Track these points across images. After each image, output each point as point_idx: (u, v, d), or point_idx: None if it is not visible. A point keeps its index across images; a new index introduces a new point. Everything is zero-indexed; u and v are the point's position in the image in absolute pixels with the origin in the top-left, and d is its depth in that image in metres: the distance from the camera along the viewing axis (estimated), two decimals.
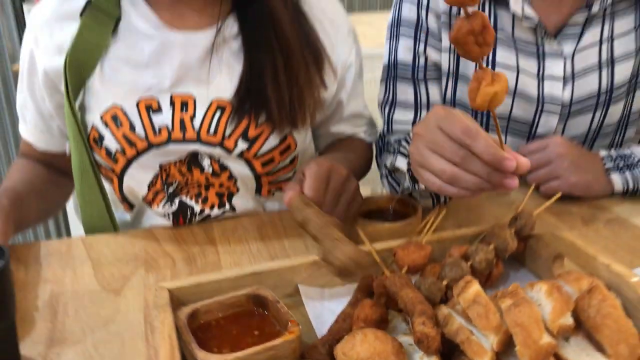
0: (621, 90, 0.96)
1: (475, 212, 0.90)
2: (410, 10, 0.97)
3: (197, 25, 0.88)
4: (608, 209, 0.91)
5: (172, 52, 0.87)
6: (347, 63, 0.96)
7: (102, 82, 0.86)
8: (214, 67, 0.87)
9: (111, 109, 0.86)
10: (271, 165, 0.91)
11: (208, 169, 0.89)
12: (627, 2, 0.93)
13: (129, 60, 0.86)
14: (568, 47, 0.93)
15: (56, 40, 0.87)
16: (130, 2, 0.88)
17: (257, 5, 0.86)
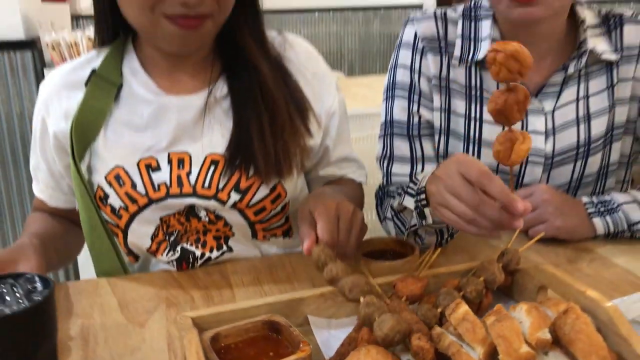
0: (598, 142, 1.05)
1: (468, 252, 0.98)
2: (404, 75, 1.08)
3: (191, 89, 0.96)
4: (591, 249, 0.98)
5: (169, 114, 0.94)
6: (331, 111, 1.03)
7: (106, 145, 0.94)
8: (207, 126, 0.95)
9: (114, 170, 0.94)
10: (263, 214, 0.98)
11: (205, 219, 0.96)
12: (599, 65, 1.04)
13: (130, 123, 0.94)
14: (548, 105, 1.03)
15: (64, 107, 0.95)
16: (130, 71, 0.96)
17: (243, 67, 0.95)
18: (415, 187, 0.89)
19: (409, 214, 0.93)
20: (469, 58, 1.03)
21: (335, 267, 0.73)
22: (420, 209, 0.86)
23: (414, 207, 0.88)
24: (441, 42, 1.05)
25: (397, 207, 0.95)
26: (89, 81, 0.95)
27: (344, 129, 1.07)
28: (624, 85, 1.05)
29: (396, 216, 0.98)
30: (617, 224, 0.98)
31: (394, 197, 0.99)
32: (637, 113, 1.06)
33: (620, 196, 1.00)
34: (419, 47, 1.06)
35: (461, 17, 1.06)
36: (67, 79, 0.97)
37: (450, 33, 1.06)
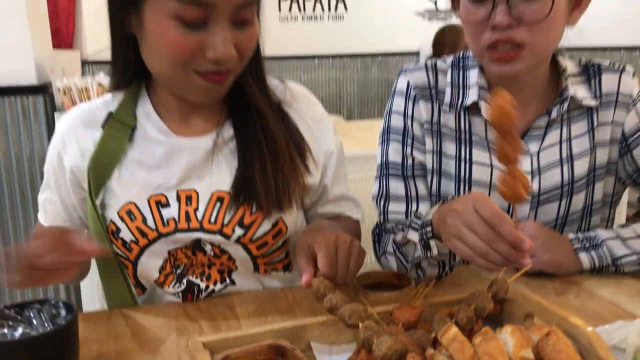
0: (581, 182, 1.12)
1: (460, 284, 1.03)
2: (398, 120, 1.15)
3: (201, 131, 1.04)
4: (578, 283, 1.04)
5: (180, 155, 1.01)
6: (329, 152, 1.11)
7: (120, 183, 1.01)
8: (214, 165, 1.02)
9: (126, 205, 1.00)
10: (265, 248, 1.04)
11: (210, 252, 1.02)
12: (580, 110, 1.12)
13: (142, 163, 1.01)
14: (533, 147, 1.11)
15: (81, 145, 1.02)
16: (144, 114, 1.03)
17: (248, 111, 1.03)
18: (419, 222, 0.96)
19: (411, 248, 0.99)
20: (458, 104, 1.11)
21: (334, 296, 0.79)
22: (425, 241, 0.93)
23: (419, 239, 0.94)
24: (432, 90, 1.14)
25: (401, 240, 1.01)
26: (106, 123, 1.02)
27: (342, 169, 1.15)
28: (603, 129, 1.12)
29: (398, 250, 1.03)
30: (601, 258, 1.04)
31: (396, 232, 1.05)
32: (617, 155, 1.14)
33: (605, 232, 1.06)
34: (411, 95, 1.14)
35: (450, 67, 1.15)
36: (85, 118, 1.04)
37: (440, 82, 1.14)
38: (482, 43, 1.01)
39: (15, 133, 2.48)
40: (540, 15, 0.96)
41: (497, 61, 1.01)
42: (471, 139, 1.12)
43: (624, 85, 1.12)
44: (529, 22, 0.97)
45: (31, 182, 2.52)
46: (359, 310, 0.75)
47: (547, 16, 0.96)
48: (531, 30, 0.97)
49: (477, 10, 1.00)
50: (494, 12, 0.97)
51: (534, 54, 1.00)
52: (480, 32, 1.01)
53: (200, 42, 0.88)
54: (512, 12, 0.96)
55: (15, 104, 2.46)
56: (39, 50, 2.56)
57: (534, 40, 0.98)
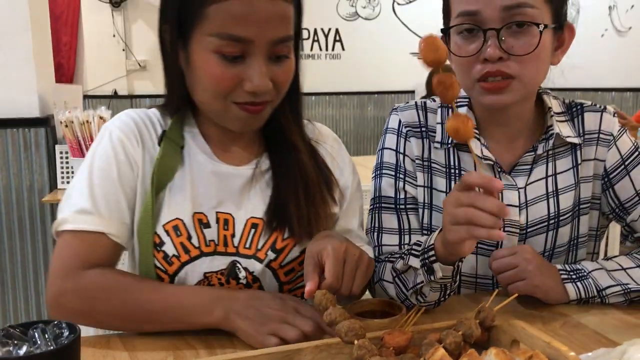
0: (567, 215, 1.17)
1: (449, 312, 1.07)
2: (390, 156, 1.20)
3: (240, 161, 1.10)
4: (564, 313, 1.07)
5: (220, 179, 1.07)
6: (345, 187, 1.17)
7: (169, 198, 1.05)
8: (251, 194, 1.08)
9: (174, 221, 1.03)
10: (292, 274, 1.09)
11: (243, 280, 1.06)
12: (565, 147, 1.17)
13: (189, 181, 1.06)
14: (520, 181, 1.15)
15: (143, 152, 1.05)
16: (191, 135, 1.09)
17: (283, 145, 1.11)
18: (419, 248, 1.00)
19: (411, 275, 1.02)
20: (448, 141, 1.17)
21: (334, 311, 0.82)
22: (428, 265, 0.97)
23: (421, 265, 0.98)
24: (422, 128, 1.20)
25: (401, 267, 1.04)
26: (161, 140, 1.06)
27: (355, 205, 1.20)
28: (587, 164, 1.18)
29: (398, 277, 1.06)
30: (587, 289, 1.07)
31: (393, 261, 1.08)
32: (600, 190, 1.18)
33: (590, 264, 1.10)
34: (403, 132, 1.20)
35: (439, 107, 1.21)
36: (147, 128, 1.07)
37: (429, 120, 1.20)
38: (472, 75, 1.06)
39: (16, 164, 2.52)
40: (528, 48, 1.03)
41: (488, 91, 1.06)
42: (460, 174, 1.17)
43: (605, 124, 1.18)
44: (518, 54, 1.03)
45: (30, 212, 2.55)
46: (355, 328, 0.78)
47: (535, 49, 1.03)
48: (520, 62, 1.04)
49: (468, 44, 1.06)
50: (485, 46, 1.03)
51: (523, 86, 1.06)
52: (471, 65, 1.06)
53: (239, 75, 0.96)
54: (502, 46, 1.03)
55: (17, 135, 2.51)
56: (43, 83, 2.62)
57: (523, 72, 1.04)
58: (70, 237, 1.00)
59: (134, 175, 1.04)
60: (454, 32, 1.08)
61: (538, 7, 1.03)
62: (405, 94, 5.77)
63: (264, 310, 0.94)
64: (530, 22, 1.03)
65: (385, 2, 5.83)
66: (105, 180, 1.02)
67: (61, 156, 2.54)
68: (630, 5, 5.41)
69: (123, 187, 1.03)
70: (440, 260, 0.96)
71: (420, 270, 0.99)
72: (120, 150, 1.04)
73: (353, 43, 5.71)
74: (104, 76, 5.27)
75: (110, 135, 1.05)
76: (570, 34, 1.13)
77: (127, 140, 1.05)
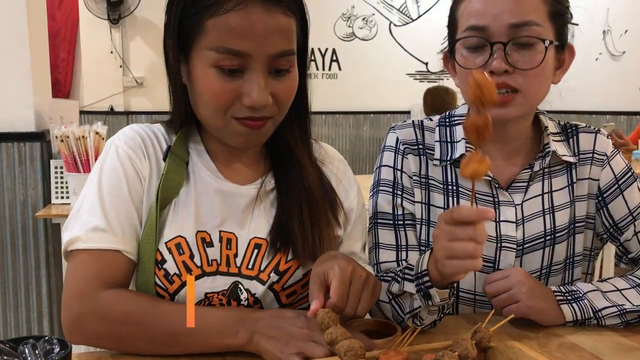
0: (563, 233, 1.17)
1: (445, 333, 1.06)
2: (388, 173, 1.21)
3: (245, 179, 1.08)
4: (561, 335, 1.06)
5: (224, 197, 1.05)
6: (349, 209, 1.15)
7: (173, 216, 1.02)
8: (254, 214, 1.06)
9: (176, 239, 1.01)
10: (294, 297, 1.06)
11: (244, 302, 1.02)
12: (561, 166, 1.19)
13: (193, 198, 1.03)
14: (517, 198, 1.16)
15: (149, 167, 1.03)
16: (196, 152, 1.07)
17: (290, 164, 1.09)
18: (412, 273, 0.99)
19: (407, 299, 1.02)
20: (447, 159, 1.17)
21: (336, 330, 0.81)
22: (424, 291, 0.96)
23: (416, 290, 0.98)
24: (419, 146, 1.21)
25: (396, 292, 1.04)
26: (167, 156, 1.04)
27: (359, 228, 1.18)
28: (582, 183, 1.19)
29: (394, 300, 1.06)
30: (583, 311, 1.07)
31: (390, 282, 1.08)
32: (594, 209, 1.19)
33: (585, 286, 1.10)
34: (400, 149, 1.21)
35: (437, 125, 1.22)
36: (152, 144, 1.05)
37: (427, 138, 1.21)
38: None
39: (9, 178, 2.51)
40: (533, 63, 1.06)
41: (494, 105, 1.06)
42: (458, 191, 1.17)
43: (599, 144, 1.20)
44: (523, 69, 1.05)
45: (23, 227, 2.53)
46: (355, 348, 0.78)
47: (540, 64, 1.05)
48: (524, 76, 1.06)
49: (474, 57, 1.09)
50: (492, 59, 1.06)
51: (526, 100, 1.08)
52: None
53: (238, 89, 0.95)
54: (508, 60, 1.05)
55: (12, 149, 2.50)
56: (39, 98, 2.62)
57: (527, 86, 1.07)
58: (85, 256, 0.96)
59: (142, 189, 1.03)
60: (460, 45, 1.11)
61: (543, 25, 1.07)
62: (401, 114, 5.80)
63: (289, 329, 0.90)
64: (537, 38, 1.05)
65: (382, 23, 5.88)
66: (116, 197, 0.99)
67: (56, 171, 2.53)
68: (624, 30, 5.48)
69: (134, 203, 1.01)
70: (435, 285, 0.95)
71: (416, 296, 0.98)
72: (128, 165, 1.02)
73: (350, 63, 5.75)
74: (100, 92, 5.28)
75: (117, 150, 1.03)
76: (570, 55, 1.15)
77: (134, 154, 1.03)
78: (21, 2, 2.51)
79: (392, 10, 5.87)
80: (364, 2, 5.80)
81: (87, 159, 2.38)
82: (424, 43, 5.49)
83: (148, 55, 5.36)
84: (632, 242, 1.17)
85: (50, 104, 2.73)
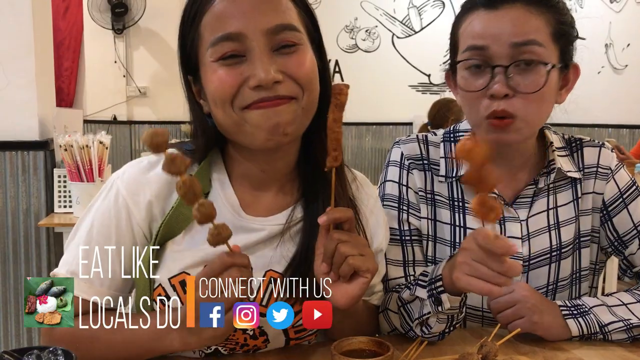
0: (568, 248, 1.17)
1: (451, 347, 1.05)
2: (393, 188, 1.19)
3: (270, 211, 1.01)
4: (567, 349, 1.05)
5: (244, 232, 0.97)
6: (378, 249, 1.08)
7: (180, 249, 0.96)
8: (276, 245, 0.99)
9: (180, 275, 0.95)
10: (302, 332, 1.02)
11: (249, 332, 0.97)
12: (565, 181, 1.18)
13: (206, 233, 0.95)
14: (522, 214, 1.16)
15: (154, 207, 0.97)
16: (219, 182, 1.00)
17: (322, 194, 0.99)
18: (426, 279, 0.99)
19: (417, 306, 1.01)
20: (452, 175, 1.17)
21: None
22: (436, 296, 0.96)
23: (428, 295, 0.97)
24: (424, 161, 1.20)
25: (407, 297, 1.03)
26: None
27: (382, 269, 1.11)
28: (586, 198, 1.18)
29: (403, 307, 1.05)
30: (589, 325, 1.06)
31: (402, 290, 1.07)
32: (599, 223, 1.19)
33: (591, 300, 1.09)
34: (405, 165, 1.19)
35: (442, 140, 1.21)
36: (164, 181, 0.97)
37: (431, 153, 1.20)
38: (480, 112, 1.07)
39: (13, 187, 2.51)
40: (535, 87, 1.04)
41: (496, 128, 1.06)
42: (464, 207, 1.16)
43: (603, 158, 1.19)
44: (524, 92, 1.03)
45: (25, 236, 2.52)
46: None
47: (541, 88, 1.03)
48: (524, 100, 1.04)
49: (475, 80, 1.07)
50: (492, 82, 1.04)
51: (527, 125, 1.07)
52: (479, 100, 1.07)
53: (242, 75, 0.89)
54: (509, 83, 1.03)
55: (15, 158, 2.51)
56: (43, 107, 2.63)
57: (527, 111, 1.05)
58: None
59: (135, 240, 0.97)
60: (461, 67, 1.09)
61: (546, 45, 1.04)
62: (404, 125, 5.80)
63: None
64: (538, 61, 1.04)
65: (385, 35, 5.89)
66: (102, 249, 0.93)
67: (59, 180, 2.53)
68: (627, 43, 5.49)
69: (120, 256, 0.96)
70: (447, 291, 0.95)
71: (427, 301, 0.98)
72: (123, 216, 0.97)
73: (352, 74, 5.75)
74: (103, 101, 5.29)
75: (117, 195, 0.98)
76: (575, 74, 1.13)
77: (133, 202, 0.97)
78: (27, 12, 2.53)
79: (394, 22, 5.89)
80: (367, 14, 5.83)
81: (90, 168, 2.38)
82: (427, 55, 5.50)
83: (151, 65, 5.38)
84: (636, 255, 1.17)
85: (54, 113, 2.73)
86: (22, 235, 2.52)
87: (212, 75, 0.91)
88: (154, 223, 0.98)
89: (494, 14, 1.05)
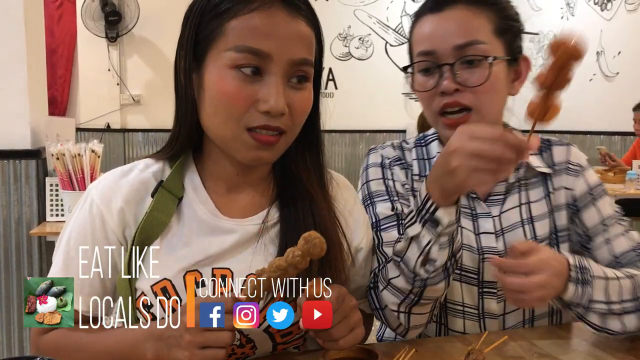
0: (544, 242, 1.18)
1: (438, 355, 1.05)
2: (378, 184, 1.21)
3: (246, 212, 1.01)
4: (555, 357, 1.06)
5: (221, 234, 0.98)
6: (357, 248, 1.08)
7: (159, 256, 0.95)
8: (254, 247, 0.99)
9: (162, 282, 0.95)
10: (289, 337, 1.01)
11: (236, 341, 0.97)
12: (537, 178, 1.22)
13: (183, 237, 0.97)
14: (495, 210, 1.19)
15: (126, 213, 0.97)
16: (192, 186, 1.01)
17: (299, 195, 1.00)
18: (413, 213, 0.97)
19: (413, 248, 0.98)
20: (425, 174, 1.22)
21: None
22: (431, 219, 0.94)
23: (422, 222, 0.95)
24: (401, 161, 1.25)
25: (401, 247, 1.00)
26: (156, 192, 0.98)
27: (368, 265, 1.11)
28: (558, 193, 1.21)
29: (402, 260, 1.01)
30: (584, 296, 1.01)
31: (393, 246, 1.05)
32: (570, 219, 1.20)
33: (596, 269, 1.04)
34: (386, 164, 1.24)
35: (414, 146, 1.27)
36: (135, 187, 0.99)
37: (406, 156, 1.26)
38: (434, 109, 1.13)
39: (4, 196, 2.50)
40: (481, 80, 1.09)
41: (450, 126, 1.10)
42: None
43: (573, 156, 1.23)
44: (472, 86, 1.09)
45: (17, 245, 2.52)
46: None
47: (487, 80, 1.08)
48: (474, 93, 1.09)
49: (427, 80, 1.13)
50: (441, 80, 1.10)
51: (481, 117, 1.10)
52: (432, 99, 1.13)
53: (254, 95, 0.90)
54: (456, 78, 1.09)
55: (7, 166, 2.50)
56: (36, 115, 2.62)
57: (479, 102, 1.10)
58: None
59: (111, 247, 0.96)
60: (415, 71, 1.16)
61: (489, 42, 1.10)
62: (397, 132, 5.83)
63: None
64: (480, 56, 1.09)
65: (378, 43, 5.93)
66: (79, 259, 0.94)
67: (51, 189, 2.52)
68: (618, 51, 5.54)
69: (97, 264, 0.93)
70: (440, 206, 0.94)
71: (423, 232, 0.96)
72: (97, 224, 0.98)
73: (346, 82, 5.79)
74: (97, 109, 5.30)
75: (91, 205, 0.99)
76: (527, 66, 1.18)
77: (107, 209, 0.98)
78: (19, 19, 2.53)
79: (388, 30, 5.93)
80: (360, 22, 5.86)
81: (82, 176, 2.38)
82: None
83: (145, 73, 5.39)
84: (600, 250, 1.16)
85: (46, 122, 2.73)
86: (13, 244, 2.52)
87: (222, 82, 0.91)
88: (127, 229, 0.98)
89: (438, 17, 1.12)
